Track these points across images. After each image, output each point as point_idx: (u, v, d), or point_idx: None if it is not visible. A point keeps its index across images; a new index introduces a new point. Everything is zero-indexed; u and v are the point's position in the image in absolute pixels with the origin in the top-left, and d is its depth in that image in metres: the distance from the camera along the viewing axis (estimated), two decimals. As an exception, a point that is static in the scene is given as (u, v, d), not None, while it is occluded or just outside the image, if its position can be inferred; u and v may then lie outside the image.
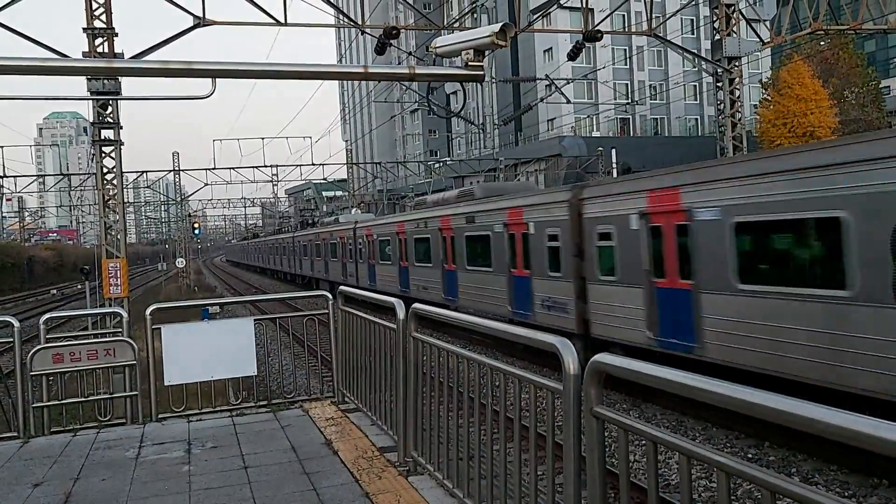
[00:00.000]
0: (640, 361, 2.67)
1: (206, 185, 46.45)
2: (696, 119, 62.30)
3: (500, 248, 16.60)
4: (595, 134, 54.97)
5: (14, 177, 43.76)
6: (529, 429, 3.49)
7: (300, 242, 44.22)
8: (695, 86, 58.41)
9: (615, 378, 2.77)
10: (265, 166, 45.13)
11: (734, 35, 19.64)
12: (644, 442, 2.63)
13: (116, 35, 15.32)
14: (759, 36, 20.81)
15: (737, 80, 19.87)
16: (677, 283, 11.08)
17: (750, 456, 9.39)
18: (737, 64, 19.84)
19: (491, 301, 17.16)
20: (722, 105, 20.09)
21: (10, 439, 6.52)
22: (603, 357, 2.81)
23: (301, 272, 44.37)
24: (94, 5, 15.05)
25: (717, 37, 19.83)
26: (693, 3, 39.36)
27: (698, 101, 60.85)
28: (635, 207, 11.81)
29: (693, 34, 55.21)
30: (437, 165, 53.56)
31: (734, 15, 19.75)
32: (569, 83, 35.24)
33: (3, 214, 77.13)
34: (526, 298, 15.53)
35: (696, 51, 32.08)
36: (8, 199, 68.31)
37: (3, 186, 51.24)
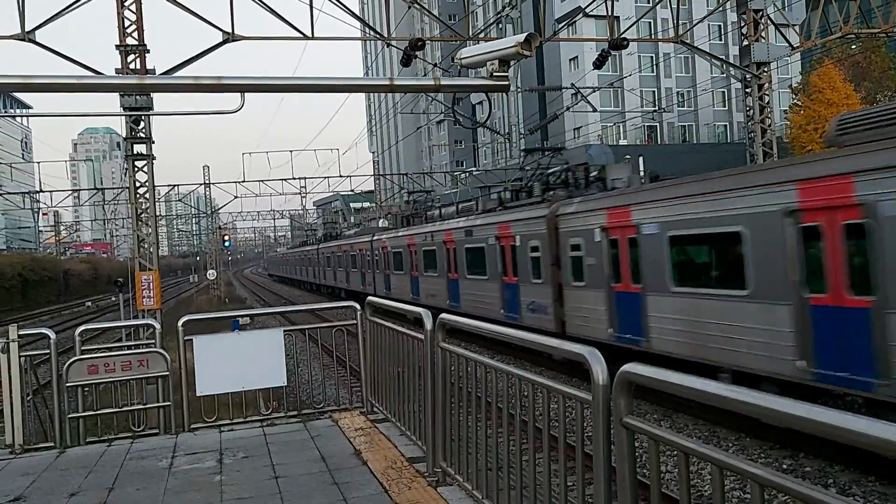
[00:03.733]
0: (670, 371, 2.65)
1: (236, 197, 47.02)
2: (726, 126, 61.63)
3: (493, 258, 18.91)
4: (622, 142, 54.65)
5: (50, 192, 44.81)
6: (559, 439, 3.47)
7: (324, 254, 47.07)
8: (723, 92, 57.77)
9: (645, 388, 2.75)
10: (293, 178, 45.58)
11: (763, 40, 19.45)
12: (675, 453, 2.60)
13: (148, 52, 15.61)
14: (787, 41, 20.56)
15: (766, 85, 19.65)
16: (630, 287, 13.22)
17: (785, 467, 9.22)
18: (766, 69, 19.62)
19: (486, 306, 19.26)
20: (751, 111, 19.87)
21: (47, 449, 6.64)
22: (632, 367, 2.79)
23: (325, 282, 47.02)
24: (127, 23, 15.36)
25: (746, 42, 19.64)
26: (720, 8, 38.99)
27: (727, 108, 60.19)
28: (597, 223, 13.99)
29: (721, 40, 54.72)
30: (463, 175, 53.62)
31: (762, 20, 19.56)
32: (595, 91, 35.11)
33: (40, 229, 78.78)
34: (514, 303, 17.79)
35: (724, 57, 31.80)
36: (44, 214, 69.80)
37: (39, 201, 52.38)
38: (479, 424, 4.38)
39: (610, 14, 18.70)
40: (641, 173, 16.30)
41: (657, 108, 49.45)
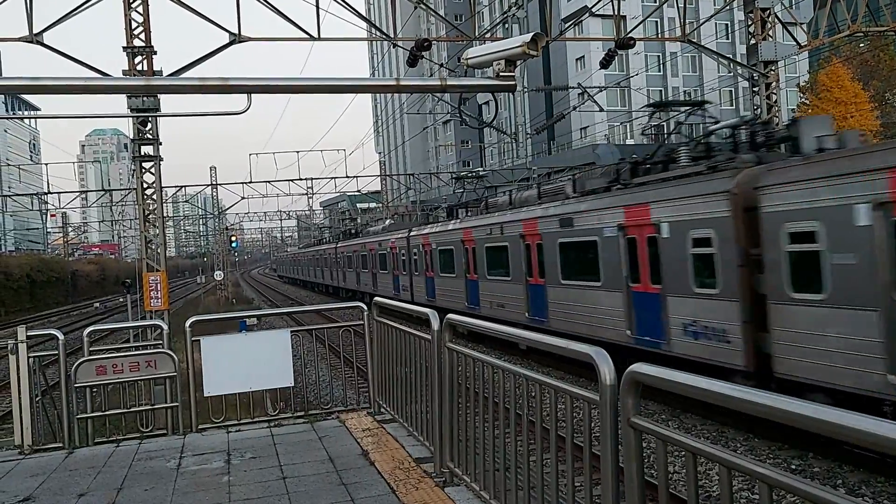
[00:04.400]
0: (677, 371, 2.64)
1: (243, 198, 47.11)
2: (733, 125, 61.47)
3: (612, 256, 13.98)
4: (629, 141, 54.55)
5: (58, 193, 45.03)
6: (566, 440, 3.47)
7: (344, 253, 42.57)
8: (730, 91, 57.57)
9: (652, 388, 2.74)
10: (300, 179, 45.74)
11: (770, 39, 19.36)
12: (683, 453, 2.59)
13: (155, 53, 15.66)
14: (795, 39, 20.48)
15: (773, 84, 19.58)
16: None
17: (794, 467, 9.19)
18: (773, 68, 19.55)
19: (598, 323, 14.60)
20: (759, 110, 19.79)
21: (55, 450, 6.67)
22: (640, 367, 2.78)
23: (345, 285, 42.43)
24: (134, 24, 15.42)
25: (753, 41, 19.57)
26: (727, 7, 38.86)
27: (734, 107, 60.03)
28: (863, 197, 8.50)
29: (728, 39, 54.58)
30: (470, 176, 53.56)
31: (770, 18, 19.48)
32: (601, 91, 35.08)
33: (48, 230, 79.19)
34: (655, 321, 12.74)
35: (731, 55, 31.69)
36: (52, 215, 70.16)
37: (47, 203, 52.63)
38: (487, 425, 4.38)
39: (616, 13, 18.67)
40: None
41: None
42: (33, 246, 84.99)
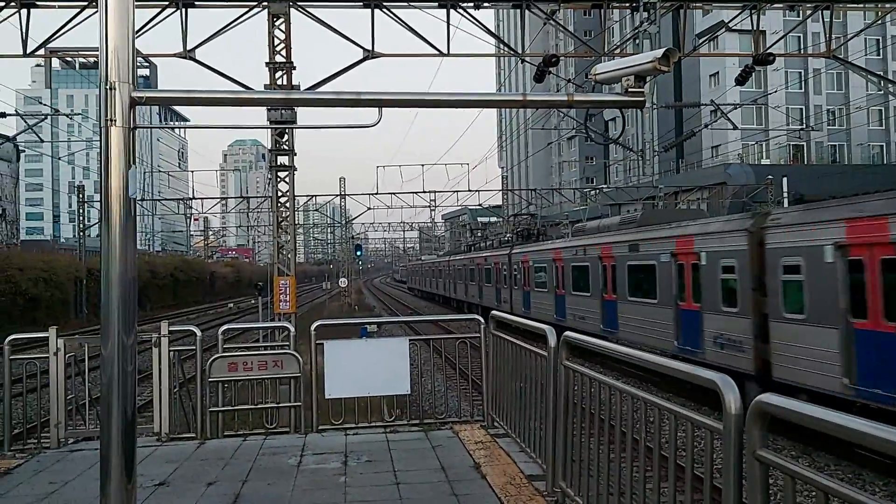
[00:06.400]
0: (808, 404, 2.49)
1: (369, 209, 48.54)
2: (882, 146, 57.23)
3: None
4: (764, 162, 51.94)
5: (201, 199, 48.29)
6: (686, 469, 3.34)
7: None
8: (880, 110, 53.72)
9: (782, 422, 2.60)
10: (424, 192, 46.59)
11: (928, 54, 17.94)
12: (814, 493, 2.44)
13: (294, 68, 16.49)
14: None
15: (931, 102, 18.11)
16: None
17: (941, 520, 8.40)
18: (931, 85, 18.08)
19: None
20: (913, 130, 18.36)
21: (188, 439, 7.11)
22: (768, 397, 2.64)
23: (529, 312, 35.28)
24: (276, 41, 16.31)
25: (908, 56, 18.20)
26: (879, 22, 36.28)
27: (884, 127, 55.92)
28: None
29: (878, 55, 50.99)
30: (592, 193, 52.79)
31: (929, 32, 18.06)
32: (736, 108, 33.63)
33: (191, 233, 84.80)
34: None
35: (881, 73, 29.61)
36: (195, 219, 75.11)
37: (191, 207, 56.44)
38: (602, 447, 4.28)
39: (755, 28, 17.90)
40: (785, 194, 15.50)
41: (804, 126, 46.66)
42: (177, 247, 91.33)
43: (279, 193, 17.24)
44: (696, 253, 14.82)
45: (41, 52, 17.07)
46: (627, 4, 17.85)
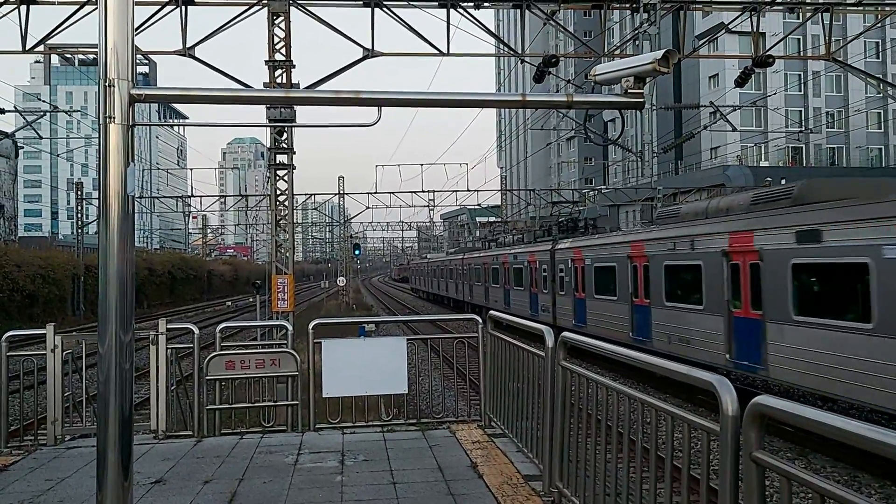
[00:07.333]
0: (806, 406, 2.49)
1: (368, 208, 48.57)
2: (881, 149, 57.29)
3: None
4: (763, 163, 51.98)
5: (199, 196, 48.30)
6: (682, 470, 3.34)
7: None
8: (879, 113, 53.77)
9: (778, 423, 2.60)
10: (423, 191, 46.62)
11: (927, 57, 17.96)
12: (809, 494, 2.44)
13: (294, 67, 16.47)
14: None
15: (930, 106, 18.13)
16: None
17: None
18: (930, 88, 18.11)
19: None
20: (911, 133, 18.38)
21: (185, 437, 7.11)
22: (765, 399, 2.64)
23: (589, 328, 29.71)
24: (276, 40, 16.30)
25: (908, 59, 18.22)
26: (879, 24, 36.25)
27: (882, 130, 55.99)
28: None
29: (878, 58, 51.03)
30: (591, 193, 52.79)
31: (928, 35, 18.08)
32: (735, 110, 33.68)
33: (189, 231, 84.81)
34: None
35: (880, 75, 29.62)
36: (194, 217, 75.11)
37: (190, 205, 56.45)
38: (599, 447, 4.28)
39: (755, 30, 17.92)
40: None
41: (803, 128, 46.71)
42: (175, 245, 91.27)
43: (278, 192, 17.24)
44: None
45: (40, 48, 17.05)
46: (627, 5, 17.86)
